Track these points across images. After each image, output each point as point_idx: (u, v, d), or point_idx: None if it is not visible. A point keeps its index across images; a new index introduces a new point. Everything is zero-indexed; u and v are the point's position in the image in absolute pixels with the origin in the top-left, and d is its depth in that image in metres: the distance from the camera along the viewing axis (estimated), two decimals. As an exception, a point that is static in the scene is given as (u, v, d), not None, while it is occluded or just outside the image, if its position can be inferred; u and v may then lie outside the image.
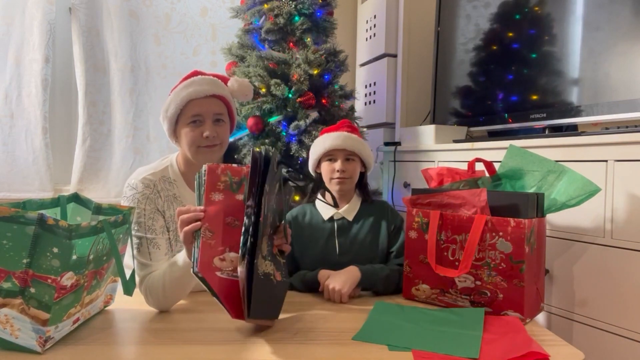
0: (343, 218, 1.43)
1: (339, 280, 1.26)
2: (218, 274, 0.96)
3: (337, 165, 1.40)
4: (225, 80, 1.32)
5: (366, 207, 1.47)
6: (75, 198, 1.15)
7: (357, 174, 1.45)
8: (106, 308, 1.13)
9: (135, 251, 1.16)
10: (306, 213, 1.47)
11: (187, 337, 0.96)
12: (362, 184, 1.50)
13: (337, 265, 1.33)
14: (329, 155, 1.43)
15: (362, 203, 1.47)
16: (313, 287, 1.32)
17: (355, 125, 1.57)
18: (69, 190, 2.23)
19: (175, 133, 1.28)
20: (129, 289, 1.04)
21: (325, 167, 1.44)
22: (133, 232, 1.18)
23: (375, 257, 1.40)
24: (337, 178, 1.40)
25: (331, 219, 1.44)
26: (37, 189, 2.16)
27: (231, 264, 0.98)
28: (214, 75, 1.31)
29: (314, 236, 1.43)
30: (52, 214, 1.09)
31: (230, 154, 1.38)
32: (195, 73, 1.30)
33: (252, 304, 0.93)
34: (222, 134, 1.27)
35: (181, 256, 1.09)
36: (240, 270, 0.93)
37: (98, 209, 1.13)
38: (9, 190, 2.14)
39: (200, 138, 1.23)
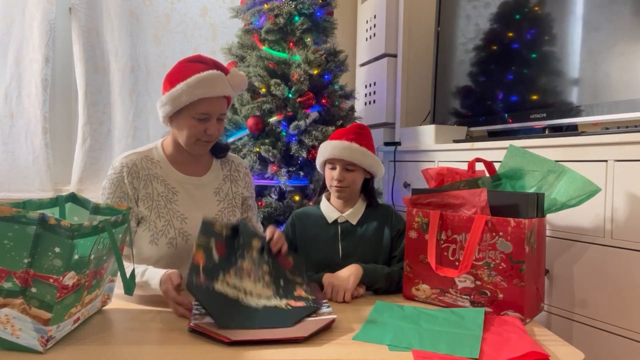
0: (347, 221, 1.43)
1: (342, 277, 1.26)
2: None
3: (336, 174, 1.40)
4: (225, 70, 1.34)
5: (371, 211, 1.47)
6: (73, 198, 1.15)
7: (358, 183, 1.44)
8: (103, 308, 1.13)
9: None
10: (310, 215, 1.47)
11: (187, 337, 0.96)
12: (367, 189, 1.49)
13: (339, 269, 1.32)
14: (330, 163, 1.43)
15: (367, 207, 1.47)
16: None
17: (366, 129, 1.51)
18: (69, 190, 2.23)
19: (172, 119, 1.31)
20: (129, 289, 1.04)
21: (327, 173, 1.44)
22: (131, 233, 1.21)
23: (377, 262, 1.40)
24: (335, 187, 1.40)
25: (335, 222, 1.44)
26: (37, 189, 2.16)
27: None
28: (216, 65, 1.32)
29: (318, 239, 1.43)
30: (50, 214, 1.08)
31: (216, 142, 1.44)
32: (199, 57, 1.32)
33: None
34: (221, 131, 1.35)
35: (156, 279, 1.13)
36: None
37: (96, 209, 1.13)
38: (9, 190, 2.14)
39: (203, 134, 1.29)
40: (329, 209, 1.45)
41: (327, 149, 1.42)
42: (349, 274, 1.27)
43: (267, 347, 0.91)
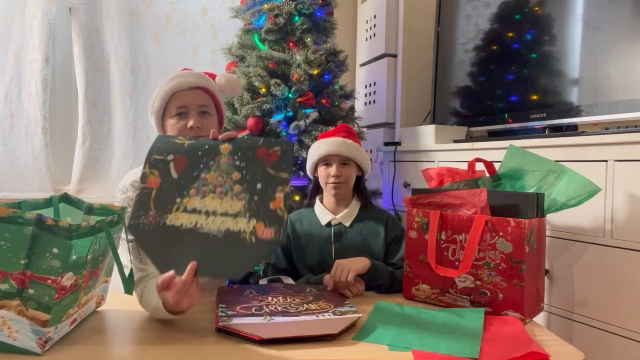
0: (340, 224, 1.44)
1: (349, 260, 1.27)
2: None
3: (332, 170, 1.41)
4: (212, 76, 1.34)
5: (365, 213, 1.47)
6: (65, 198, 1.15)
7: (353, 178, 1.46)
8: (97, 309, 1.13)
9: (131, 255, 1.17)
10: (304, 218, 1.48)
11: (186, 337, 0.96)
12: (359, 188, 1.50)
13: None
14: (325, 161, 1.43)
15: (361, 209, 1.47)
16: None
17: (354, 127, 1.57)
18: (69, 190, 2.23)
19: (163, 128, 1.30)
20: (129, 288, 1.03)
21: (321, 172, 1.45)
22: (128, 237, 1.18)
23: None
24: (332, 183, 1.41)
25: (329, 224, 1.44)
26: (37, 189, 2.16)
27: None
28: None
29: (311, 241, 1.44)
30: (46, 214, 1.08)
31: None
32: (184, 70, 1.33)
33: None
34: (207, 126, 1.26)
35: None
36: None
37: (90, 209, 1.12)
38: (9, 190, 2.14)
39: (185, 129, 1.24)
40: (323, 211, 1.46)
41: (322, 147, 1.43)
42: (357, 260, 1.28)
43: (264, 347, 0.91)
